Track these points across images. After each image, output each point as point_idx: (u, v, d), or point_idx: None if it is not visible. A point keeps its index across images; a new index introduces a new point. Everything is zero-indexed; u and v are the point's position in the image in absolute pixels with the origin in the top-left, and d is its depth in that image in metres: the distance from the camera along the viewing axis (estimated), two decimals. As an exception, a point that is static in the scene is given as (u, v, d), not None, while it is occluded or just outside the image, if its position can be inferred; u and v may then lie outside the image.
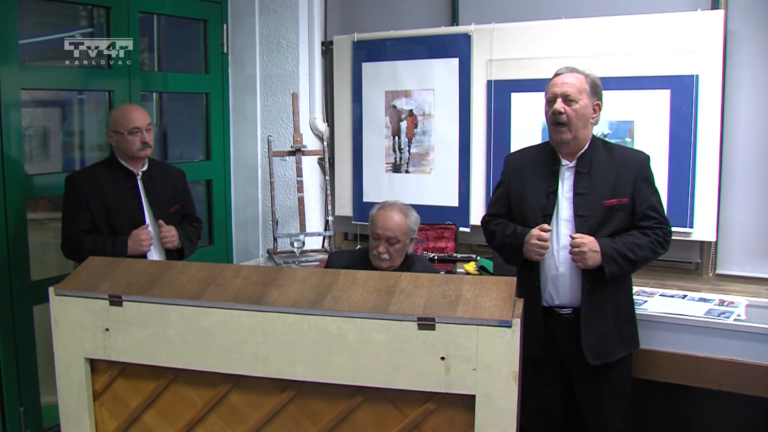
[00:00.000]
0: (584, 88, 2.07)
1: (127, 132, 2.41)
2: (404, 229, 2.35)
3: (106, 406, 1.95)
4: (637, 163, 2.10)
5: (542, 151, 2.20)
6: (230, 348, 1.77)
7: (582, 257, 2.00)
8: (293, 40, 3.38)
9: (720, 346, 2.25)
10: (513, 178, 2.23)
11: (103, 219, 2.41)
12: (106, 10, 2.86)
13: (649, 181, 2.10)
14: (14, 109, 2.51)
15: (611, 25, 2.83)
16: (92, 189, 2.41)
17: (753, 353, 2.20)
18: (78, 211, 2.40)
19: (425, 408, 1.67)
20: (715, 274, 2.79)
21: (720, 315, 2.34)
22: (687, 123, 2.71)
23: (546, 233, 2.06)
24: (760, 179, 2.69)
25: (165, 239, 2.48)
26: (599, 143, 2.15)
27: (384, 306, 1.67)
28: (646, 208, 2.06)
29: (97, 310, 1.87)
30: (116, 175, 2.46)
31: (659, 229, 2.07)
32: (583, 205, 2.07)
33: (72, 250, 2.40)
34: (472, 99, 3.15)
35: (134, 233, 2.41)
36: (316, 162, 3.52)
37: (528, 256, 2.10)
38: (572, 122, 2.05)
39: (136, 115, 2.44)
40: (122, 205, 2.44)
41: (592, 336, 2.06)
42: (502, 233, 2.20)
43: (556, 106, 2.05)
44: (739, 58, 2.68)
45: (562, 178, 2.12)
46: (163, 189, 2.56)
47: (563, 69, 2.12)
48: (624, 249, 2.01)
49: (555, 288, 2.11)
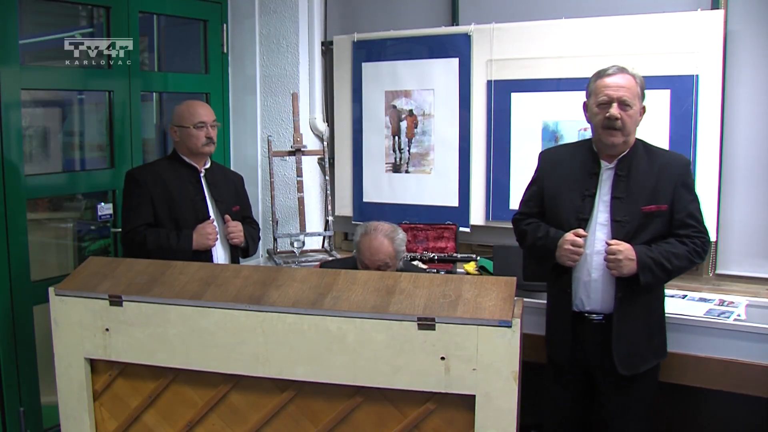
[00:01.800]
0: (637, 92, 2.00)
1: (192, 126, 2.40)
2: (392, 255, 2.27)
3: (106, 406, 1.95)
4: (678, 168, 2.03)
5: (580, 150, 2.12)
6: (230, 348, 1.77)
7: (617, 265, 1.94)
8: (293, 40, 3.38)
9: (720, 346, 2.24)
10: (547, 176, 2.15)
11: (166, 213, 2.38)
12: (106, 10, 2.85)
13: (689, 188, 2.03)
14: (14, 109, 2.50)
15: (611, 25, 2.83)
16: (156, 182, 2.38)
17: (753, 353, 2.20)
18: (141, 204, 2.36)
19: (425, 408, 1.67)
20: (715, 274, 2.78)
21: (720, 315, 2.34)
22: (687, 123, 2.71)
23: (581, 239, 1.99)
24: (760, 179, 2.69)
25: (232, 234, 2.45)
26: (640, 145, 2.07)
27: (384, 306, 1.67)
28: (685, 215, 1.99)
29: (97, 310, 1.87)
30: (179, 171, 2.45)
31: (697, 238, 1.99)
32: (620, 210, 2.00)
33: (134, 243, 2.34)
34: (472, 99, 3.15)
35: (200, 227, 2.38)
36: (316, 162, 3.52)
37: (560, 261, 2.03)
38: (626, 127, 1.97)
39: (201, 110, 2.44)
40: (186, 199, 2.41)
41: (623, 346, 2.00)
42: (533, 234, 2.12)
43: (612, 111, 1.96)
44: (739, 58, 2.68)
45: (601, 180, 2.04)
46: (226, 188, 2.56)
47: (614, 68, 2.02)
48: (661, 258, 1.94)
49: (586, 294, 2.05)
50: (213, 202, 2.48)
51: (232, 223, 2.47)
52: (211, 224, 2.41)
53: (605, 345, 2.02)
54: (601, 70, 2.05)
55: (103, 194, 2.88)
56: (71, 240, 3.10)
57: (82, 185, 2.93)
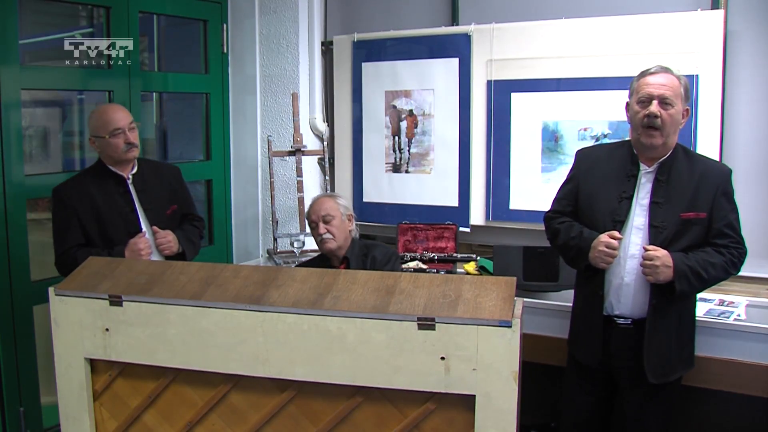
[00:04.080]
0: (680, 93, 1.96)
1: (108, 135, 2.27)
2: (334, 206, 2.47)
3: (106, 406, 1.95)
4: (719, 176, 1.99)
5: (619, 151, 2.09)
6: (230, 348, 1.77)
7: (654, 271, 1.91)
8: (293, 40, 3.38)
9: (720, 346, 2.24)
10: (584, 176, 2.11)
11: (96, 231, 2.28)
12: (106, 10, 2.85)
13: (729, 197, 1.99)
14: (14, 109, 2.50)
15: (611, 25, 2.83)
16: (82, 200, 2.28)
17: (753, 353, 2.20)
18: (69, 225, 2.26)
19: (425, 408, 1.67)
20: (715, 274, 2.78)
21: (720, 315, 2.34)
22: (687, 123, 2.69)
23: (616, 241, 1.96)
24: (760, 179, 2.69)
25: (162, 245, 2.36)
26: (680, 150, 2.03)
27: (384, 306, 1.67)
28: (724, 225, 1.96)
29: (97, 310, 1.87)
30: (105, 183, 2.32)
31: (735, 249, 1.97)
32: (658, 215, 1.96)
33: (66, 266, 2.20)
34: (472, 99, 3.15)
35: (131, 243, 2.28)
36: (316, 162, 3.52)
37: (593, 263, 2.00)
38: (666, 127, 1.93)
39: (115, 116, 2.29)
40: (115, 213, 2.31)
41: (654, 353, 1.97)
42: (566, 234, 2.09)
43: (652, 108, 1.93)
44: (739, 58, 2.68)
45: (639, 183, 2.02)
46: (158, 190, 2.43)
47: (657, 68, 1.99)
48: (698, 267, 1.91)
49: (617, 297, 2.02)
50: (143, 211, 2.36)
51: (161, 233, 2.35)
52: (143, 238, 2.30)
53: (634, 351, 2.00)
54: (645, 69, 2.02)
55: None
56: (71, 240, 3.10)
57: (82, 185, 2.93)
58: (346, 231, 2.48)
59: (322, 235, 2.43)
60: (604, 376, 2.10)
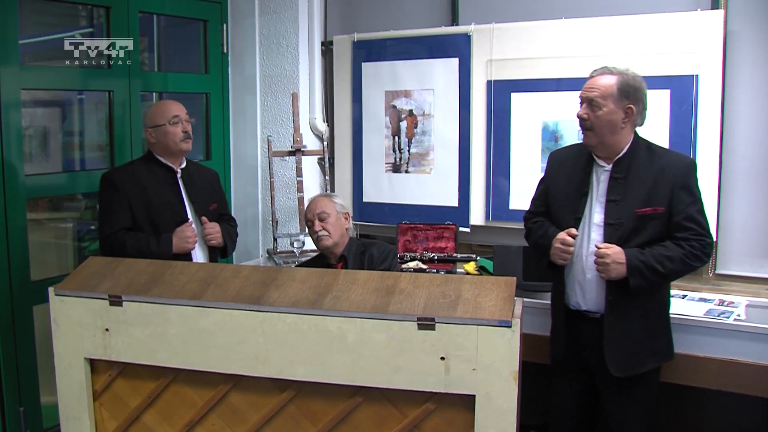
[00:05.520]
0: (611, 93, 1.97)
1: (168, 122, 2.36)
2: (329, 204, 2.49)
3: (106, 406, 1.95)
4: (677, 169, 2.00)
5: (583, 150, 2.12)
6: (230, 348, 1.77)
7: (605, 268, 1.95)
8: (293, 40, 3.38)
9: (720, 346, 2.24)
10: (553, 175, 2.18)
11: (144, 217, 2.34)
12: (106, 10, 2.85)
13: (689, 190, 1.99)
14: (14, 109, 2.50)
15: (611, 25, 2.83)
16: (133, 186, 2.34)
17: (753, 353, 2.20)
18: (119, 208, 2.32)
19: (425, 408, 1.67)
20: (715, 274, 2.78)
21: (720, 315, 2.34)
22: (687, 123, 2.71)
23: (571, 238, 2.01)
24: (760, 179, 2.69)
25: (209, 236, 2.44)
26: (642, 146, 2.05)
27: (384, 306, 1.67)
28: (683, 218, 1.97)
29: (97, 310, 1.87)
30: (156, 172, 2.40)
31: (695, 241, 1.96)
32: (614, 213, 2.00)
33: (113, 249, 2.28)
34: (472, 99, 3.15)
35: (179, 230, 2.35)
36: (316, 162, 3.52)
37: (552, 259, 2.07)
38: (596, 127, 1.99)
39: (174, 106, 2.41)
40: (164, 201, 2.38)
41: (615, 348, 2.01)
42: (536, 233, 2.18)
43: (579, 111, 2.02)
44: (739, 58, 2.68)
45: (597, 181, 2.05)
46: (202, 187, 2.53)
47: (597, 70, 2.04)
48: (652, 261, 1.93)
49: (582, 293, 2.07)
50: (190, 203, 2.45)
51: (210, 224, 2.45)
52: (190, 227, 2.37)
53: (601, 345, 2.03)
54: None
55: (103, 194, 2.88)
56: (71, 240, 3.10)
57: (82, 185, 2.93)
58: (342, 228, 2.49)
59: (318, 232, 2.45)
60: (582, 372, 2.14)
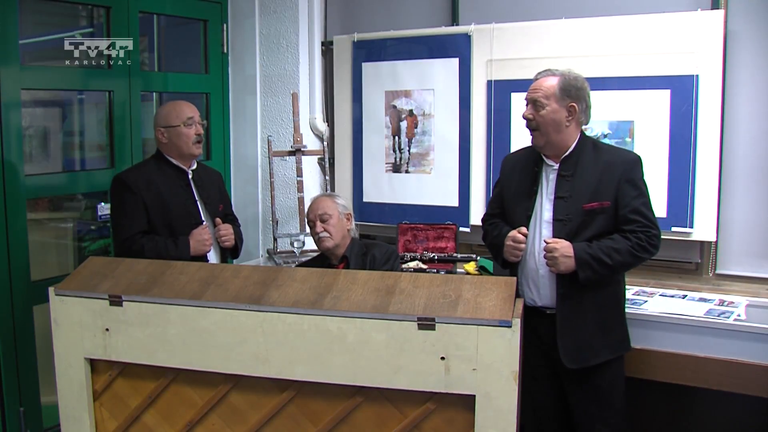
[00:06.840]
0: (552, 93, 2.04)
1: (182, 124, 2.34)
2: (332, 205, 2.48)
3: (106, 406, 1.95)
4: (622, 164, 2.05)
5: (533, 151, 2.18)
6: (230, 348, 1.77)
7: (554, 262, 2.00)
8: (293, 40, 3.38)
9: (720, 346, 2.24)
10: (506, 177, 2.25)
11: (160, 219, 2.31)
12: (106, 10, 2.85)
13: (634, 184, 2.04)
14: (14, 109, 2.50)
15: (611, 25, 2.83)
16: (149, 188, 2.31)
17: (753, 353, 2.20)
18: (134, 211, 2.28)
19: (425, 408, 1.67)
20: (715, 274, 2.78)
21: (720, 315, 2.34)
22: (687, 123, 2.71)
23: (521, 235, 2.07)
24: (760, 179, 2.69)
25: (223, 237, 2.44)
26: (588, 145, 2.11)
27: (384, 306, 1.67)
28: (629, 211, 2.01)
29: (97, 310, 1.87)
30: (168, 174, 2.38)
31: (642, 233, 2.00)
32: (562, 209, 2.05)
33: (131, 252, 2.23)
34: (472, 99, 3.15)
35: (196, 233, 2.33)
36: (316, 162, 3.52)
37: (505, 257, 2.14)
38: (541, 127, 2.06)
39: (188, 108, 2.39)
40: (179, 203, 2.36)
41: (567, 340, 2.05)
42: (491, 233, 2.25)
43: (524, 112, 2.09)
44: (739, 58, 2.68)
45: (546, 179, 2.11)
46: (211, 188, 2.52)
47: (542, 73, 2.12)
48: (600, 254, 1.98)
49: (536, 289, 2.11)
50: (203, 204, 2.44)
51: (223, 226, 2.45)
52: (206, 229, 2.37)
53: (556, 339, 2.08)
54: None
55: (103, 194, 2.87)
56: (71, 240, 3.10)
57: (82, 185, 2.93)
58: (344, 230, 2.49)
59: (319, 233, 2.45)
60: (545, 364, 2.16)
